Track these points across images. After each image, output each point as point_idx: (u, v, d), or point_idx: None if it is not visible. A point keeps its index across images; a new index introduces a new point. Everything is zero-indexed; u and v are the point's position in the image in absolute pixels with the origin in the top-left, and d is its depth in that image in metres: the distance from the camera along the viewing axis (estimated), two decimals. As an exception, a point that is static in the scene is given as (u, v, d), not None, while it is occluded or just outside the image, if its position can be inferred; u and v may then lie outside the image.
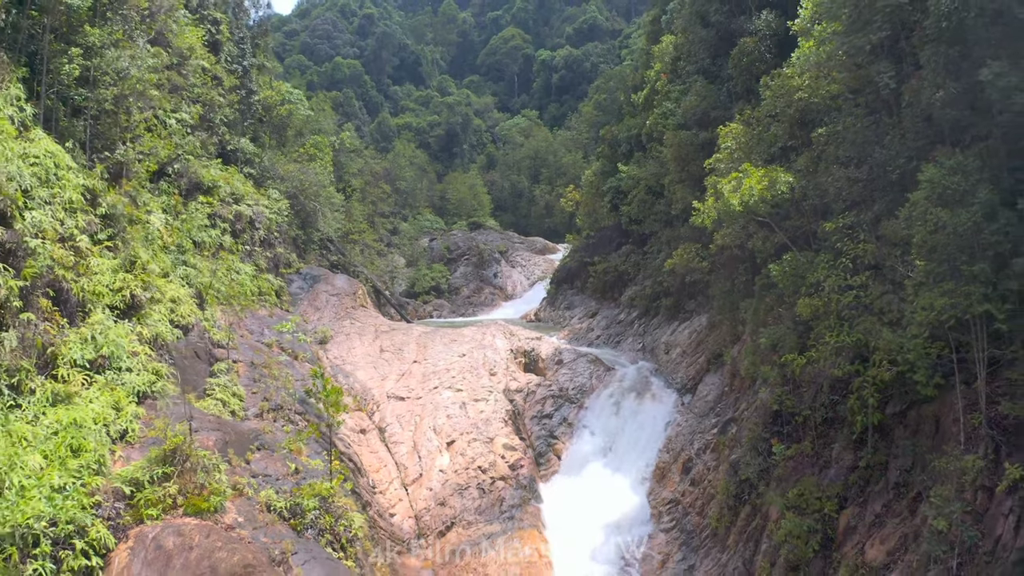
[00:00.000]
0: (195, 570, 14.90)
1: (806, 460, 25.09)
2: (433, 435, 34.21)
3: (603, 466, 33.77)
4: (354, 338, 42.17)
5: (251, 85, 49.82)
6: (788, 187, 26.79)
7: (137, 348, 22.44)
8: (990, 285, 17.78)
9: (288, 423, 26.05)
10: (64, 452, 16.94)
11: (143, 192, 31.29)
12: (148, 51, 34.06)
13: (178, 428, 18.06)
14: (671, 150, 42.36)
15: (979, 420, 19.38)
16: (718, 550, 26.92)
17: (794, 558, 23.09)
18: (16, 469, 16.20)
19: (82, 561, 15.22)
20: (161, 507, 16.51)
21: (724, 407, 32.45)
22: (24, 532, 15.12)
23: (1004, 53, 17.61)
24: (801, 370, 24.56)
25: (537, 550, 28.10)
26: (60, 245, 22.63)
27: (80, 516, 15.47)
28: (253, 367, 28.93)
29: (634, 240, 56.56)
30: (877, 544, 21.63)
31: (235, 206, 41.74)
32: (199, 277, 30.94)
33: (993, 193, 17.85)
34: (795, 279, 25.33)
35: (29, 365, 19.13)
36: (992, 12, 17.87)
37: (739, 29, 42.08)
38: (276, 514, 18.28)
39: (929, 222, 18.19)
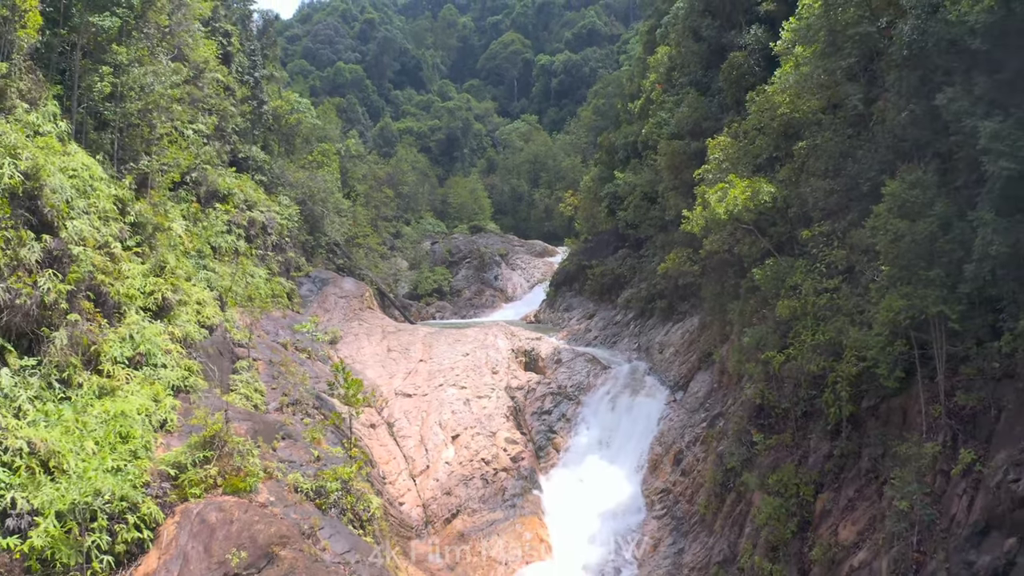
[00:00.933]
0: (236, 540, 16.88)
1: (786, 450, 27.08)
2: (439, 429, 36.17)
3: (600, 458, 35.74)
4: (362, 338, 44.16)
5: (262, 96, 51.85)
6: (771, 197, 28.81)
7: (170, 346, 24.42)
8: (945, 289, 19.78)
9: (306, 416, 28.05)
10: (113, 439, 18.92)
11: (166, 200, 33.24)
12: (169, 67, 36.04)
13: (216, 417, 20.03)
14: (664, 159, 44.35)
15: (939, 411, 21.37)
16: (705, 534, 28.90)
17: (774, 539, 25.07)
18: (72, 453, 18.18)
19: (134, 534, 17.21)
20: (203, 487, 18.51)
21: (713, 403, 34.44)
22: (83, 508, 17.09)
23: (957, 80, 19.60)
24: (781, 367, 26.53)
25: (537, 534, 30.10)
26: (98, 251, 24.60)
27: (132, 494, 17.46)
28: (271, 365, 30.91)
29: (630, 244, 58.54)
30: (849, 525, 23.61)
31: (248, 212, 43.75)
32: (220, 281, 32.91)
33: (948, 206, 19.85)
34: (776, 282, 27.31)
35: (77, 361, 21.11)
36: (947, 42, 19.85)
37: (729, 43, 44.14)
38: (303, 495, 20.29)
39: (890, 232, 20.20)
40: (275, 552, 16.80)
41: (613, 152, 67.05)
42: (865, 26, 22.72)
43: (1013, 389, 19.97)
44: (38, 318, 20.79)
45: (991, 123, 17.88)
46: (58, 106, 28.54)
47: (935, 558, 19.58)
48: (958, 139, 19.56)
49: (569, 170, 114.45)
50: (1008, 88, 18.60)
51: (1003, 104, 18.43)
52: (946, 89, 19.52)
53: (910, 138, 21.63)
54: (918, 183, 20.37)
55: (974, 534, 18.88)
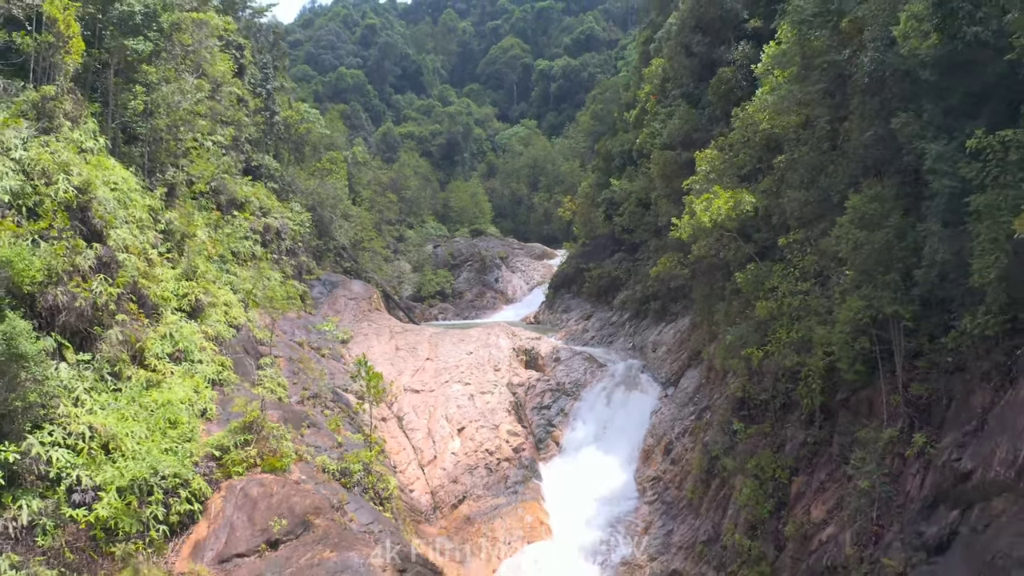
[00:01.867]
0: (277, 510, 19.32)
1: (765, 438, 29.55)
2: (445, 423, 38.63)
3: (595, 450, 38.18)
4: (372, 338, 46.62)
5: (274, 107, 54.32)
6: (752, 206, 31.31)
7: (204, 344, 26.89)
8: (899, 291, 22.27)
9: (325, 408, 30.52)
10: (164, 425, 21.39)
11: (193, 209, 35.72)
12: (193, 83, 38.53)
13: (253, 405, 22.48)
14: (657, 168, 46.86)
15: (898, 400, 23.85)
16: (692, 517, 31.38)
17: (753, 518, 27.55)
18: (128, 437, 20.65)
19: (186, 506, 19.67)
20: (244, 466, 20.95)
21: (701, 397, 36.92)
22: (141, 484, 19.57)
23: (910, 106, 22.10)
24: (760, 362, 29.02)
25: (538, 518, 32.56)
26: (138, 258, 27.07)
27: (184, 472, 19.93)
28: (291, 362, 33.38)
29: (626, 248, 61.02)
30: (820, 505, 26.08)
31: (263, 219, 46.23)
32: (242, 284, 35.36)
33: (903, 218, 22.35)
34: (756, 285, 29.80)
35: (126, 357, 23.58)
36: (902, 72, 22.33)
37: (719, 59, 46.64)
38: (330, 474, 22.72)
39: (851, 240, 22.71)
40: (310, 520, 19.26)
41: (610, 159, 69.61)
42: (833, 55, 25.18)
43: (962, 380, 22.45)
44: (91, 318, 23.24)
45: (936, 146, 20.37)
46: (95, 122, 31.00)
47: (891, 530, 22.07)
48: (910, 159, 22.06)
49: (568, 174, 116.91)
50: (952, 114, 21.10)
51: (948, 128, 20.92)
52: (900, 114, 22.03)
53: (871, 156, 24.12)
54: (877, 197, 22.87)
55: (924, 508, 21.37)
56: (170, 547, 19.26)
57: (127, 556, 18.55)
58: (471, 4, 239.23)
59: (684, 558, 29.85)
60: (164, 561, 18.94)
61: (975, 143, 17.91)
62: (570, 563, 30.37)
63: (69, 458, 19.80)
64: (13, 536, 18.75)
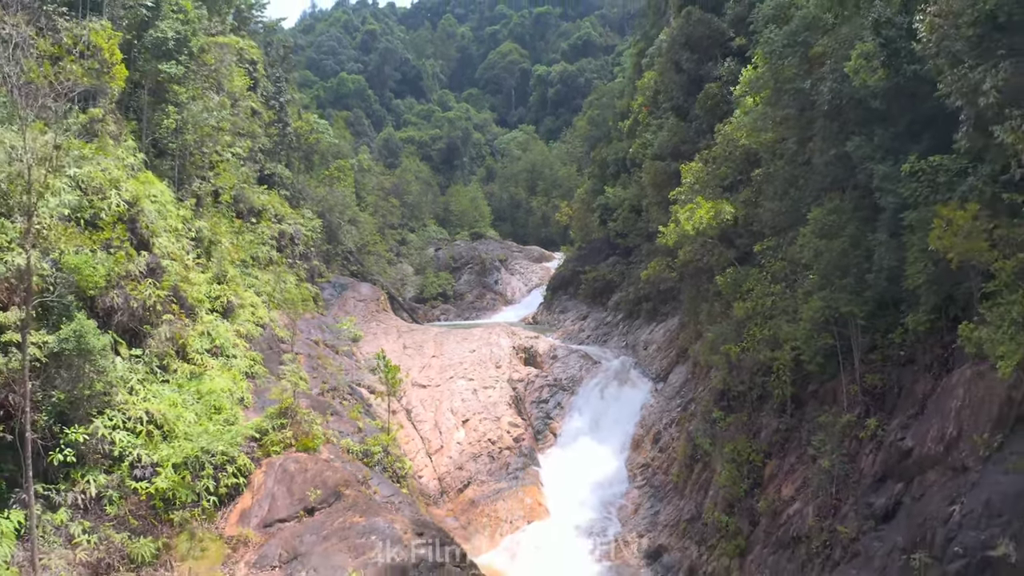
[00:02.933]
0: (312, 483, 22.33)
1: (742, 426, 32.60)
2: (451, 415, 41.67)
3: (590, 439, 41.25)
4: (380, 337, 49.65)
5: (286, 119, 57.33)
6: (731, 216, 34.39)
7: (236, 341, 29.92)
8: (855, 293, 25.35)
9: (343, 399, 33.54)
10: (210, 411, 24.40)
11: (219, 218, 38.73)
12: (216, 101, 41.55)
13: (287, 394, 25.48)
14: (648, 177, 49.94)
15: (856, 390, 26.94)
16: (677, 498, 34.44)
17: (731, 497, 30.59)
18: (179, 421, 23.67)
19: (233, 480, 22.68)
20: (281, 446, 23.96)
21: (687, 391, 39.99)
22: (193, 461, 22.59)
23: (863, 130, 25.17)
24: (738, 357, 32.07)
25: (537, 500, 35.63)
26: (177, 263, 30.09)
27: (231, 450, 22.94)
28: (310, 358, 36.39)
29: (620, 252, 64.10)
30: (789, 484, 29.13)
31: (278, 225, 49.24)
32: (263, 287, 38.37)
33: (857, 229, 25.44)
34: (735, 288, 32.87)
35: (172, 352, 26.60)
36: (856, 101, 25.39)
37: (706, 75, 49.71)
38: (354, 455, 25.71)
39: (813, 248, 25.79)
40: (341, 491, 22.27)
41: (605, 166, 72.72)
42: (799, 82, 28.22)
43: (910, 371, 25.56)
44: (141, 318, 26.26)
45: (883, 167, 23.44)
46: (134, 140, 34.04)
47: (847, 502, 25.17)
48: (863, 177, 25.13)
49: (565, 179, 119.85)
50: (899, 139, 24.16)
51: (895, 151, 23.96)
52: (854, 138, 25.10)
53: (832, 174, 27.19)
54: (835, 210, 25.98)
55: (874, 482, 24.46)
56: (220, 515, 22.27)
57: (183, 522, 21.58)
58: (469, 9, 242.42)
59: (669, 534, 32.90)
60: (215, 527, 21.94)
61: (908, 167, 20.98)
62: (566, 540, 33.42)
63: (129, 439, 22.80)
64: (83, 506, 21.78)
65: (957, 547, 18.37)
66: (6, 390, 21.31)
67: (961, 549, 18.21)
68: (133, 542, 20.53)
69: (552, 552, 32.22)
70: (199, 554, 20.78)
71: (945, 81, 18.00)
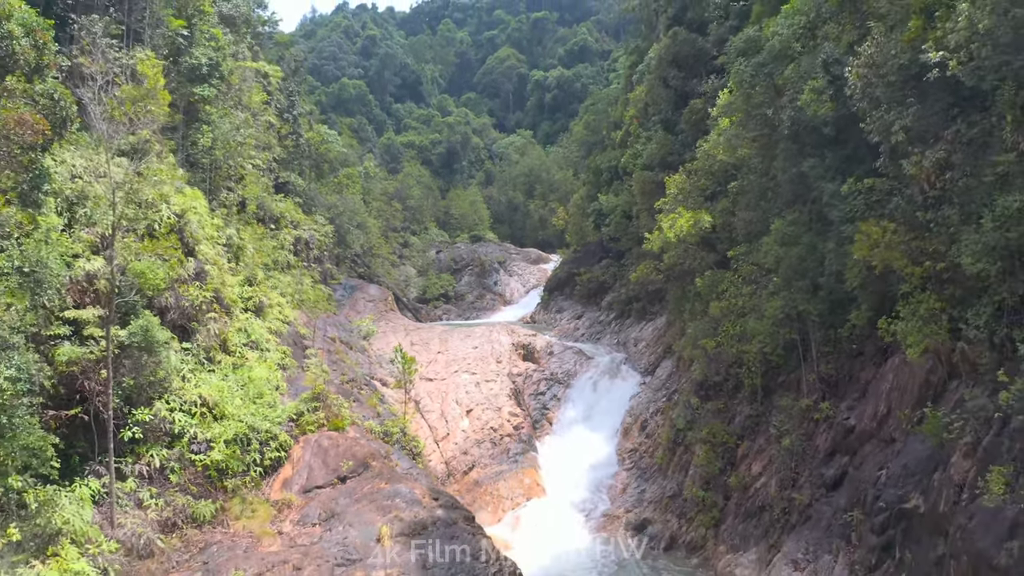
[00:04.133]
0: (343, 456, 26.18)
1: (719, 413, 36.51)
2: (456, 405, 45.52)
3: (583, 428, 45.14)
4: (390, 335, 53.47)
5: (300, 131, 61.17)
6: (710, 224, 38.32)
7: (268, 336, 33.76)
8: (810, 294, 29.29)
9: (360, 389, 37.39)
10: (252, 395, 28.24)
11: (246, 225, 42.57)
12: (241, 118, 45.35)
13: (319, 381, 29.33)
14: (637, 186, 53.85)
15: (813, 378, 30.89)
16: (661, 478, 38.34)
17: (707, 475, 34.49)
18: (228, 404, 27.52)
19: (276, 454, 26.53)
20: (315, 425, 27.80)
21: (671, 383, 43.90)
22: (242, 437, 26.43)
23: (816, 153, 29.10)
24: (714, 351, 35.99)
25: (535, 480, 39.53)
26: (216, 268, 33.92)
27: (273, 429, 26.80)
28: (329, 353, 40.24)
29: (613, 255, 67.99)
30: (757, 463, 33.05)
31: (295, 231, 53.06)
32: (286, 288, 42.21)
33: (812, 238, 29.36)
34: (711, 289, 36.80)
35: (216, 345, 30.45)
36: (811, 127, 29.30)
37: (692, 91, 53.65)
38: (376, 434, 29.55)
39: (774, 255, 29.72)
40: (368, 463, 26.12)
41: (599, 173, 76.54)
42: (765, 108, 32.13)
43: (858, 361, 29.55)
44: (189, 315, 30.11)
45: (831, 185, 27.35)
46: (174, 157, 37.85)
47: (803, 475, 29.12)
48: (817, 193, 29.06)
49: (562, 183, 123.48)
50: (848, 161, 28.05)
51: (844, 171, 27.85)
52: (809, 159, 29.05)
53: (791, 190, 31.12)
54: (794, 221, 29.92)
55: (825, 456, 28.43)
56: (265, 483, 26.08)
57: (235, 488, 25.42)
58: (468, 14, 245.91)
59: (653, 509, 36.79)
60: (262, 492, 25.77)
61: (847, 187, 24.91)
62: (562, 515, 37.31)
63: (186, 419, 26.61)
64: (148, 476, 25.62)
65: (881, 503, 22.33)
66: (83, 377, 25.16)
67: (884, 504, 22.17)
68: (195, 504, 24.38)
69: (549, 525, 36.08)
70: (250, 514, 24.62)
71: (867, 120, 21.91)
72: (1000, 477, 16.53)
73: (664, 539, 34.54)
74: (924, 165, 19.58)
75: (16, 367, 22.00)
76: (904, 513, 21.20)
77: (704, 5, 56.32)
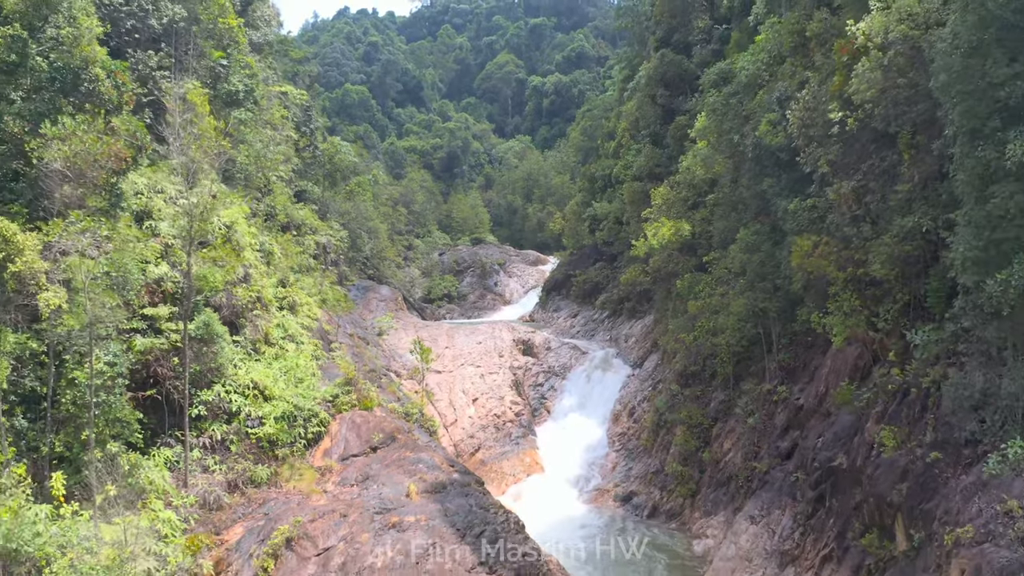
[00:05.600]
0: (374, 429, 31.15)
1: (696, 399, 41.55)
2: (462, 395, 50.53)
3: (578, 415, 50.16)
4: (401, 332, 58.45)
5: (316, 143, 66.13)
6: (690, 232, 43.37)
7: (302, 331, 38.71)
8: (769, 294, 34.33)
9: (381, 378, 42.37)
10: (294, 381, 33.20)
11: (277, 233, 47.52)
12: (270, 136, 50.28)
13: (351, 368, 34.28)
14: (627, 195, 58.91)
15: (774, 366, 35.95)
16: (646, 457, 43.37)
17: (685, 452, 39.54)
18: (275, 387, 32.49)
19: (317, 428, 31.49)
20: (348, 405, 32.74)
21: (657, 374, 48.94)
22: (288, 415, 31.40)
23: (773, 174, 34.13)
24: (692, 344, 41.04)
25: (534, 460, 44.55)
26: (257, 271, 38.83)
27: (315, 408, 31.75)
28: (350, 347, 45.20)
29: (606, 258, 73.04)
30: (728, 440, 38.09)
31: (314, 236, 57.96)
32: (311, 290, 47.13)
33: (771, 246, 34.41)
34: (690, 289, 41.85)
35: (260, 338, 35.39)
36: (770, 152, 34.29)
37: (677, 108, 58.73)
38: (398, 415, 34.55)
39: (739, 260, 34.77)
40: (395, 436, 31.12)
41: (593, 181, 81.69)
42: (733, 134, 37.16)
43: (811, 352, 34.59)
44: (237, 312, 35.04)
45: (784, 202, 32.36)
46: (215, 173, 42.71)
47: (763, 448, 34.17)
48: (774, 209, 34.10)
49: (559, 187, 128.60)
50: (798, 182, 33.02)
51: (794, 191, 32.84)
52: (767, 179, 34.09)
53: (755, 205, 36.16)
54: (756, 232, 34.97)
55: (781, 431, 33.48)
56: (309, 453, 31.03)
57: (284, 457, 30.38)
58: (467, 19, 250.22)
59: (639, 484, 41.81)
60: (307, 460, 30.72)
61: (793, 206, 29.94)
62: (558, 489, 42.33)
63: (241, 400, 31.53)
64: (211, 447, 30.57)
65: (816, 464, 27.38)
66: (156, 364, 30.16)
67: (818, 464, 27.21)
68: (253, 469, 29.34)
69: (547, 497, 41.11)
70: (299, 477, 29.60)
71: (801, 155, 26.96)
72: (891, 435, 21.56)
73: (647, 508, 39.57)
74: (843, 192, 24.59)
75: (112, 354, 27.07)
76: (832, 470, 26.23)
77: (689, 29, 61.48)
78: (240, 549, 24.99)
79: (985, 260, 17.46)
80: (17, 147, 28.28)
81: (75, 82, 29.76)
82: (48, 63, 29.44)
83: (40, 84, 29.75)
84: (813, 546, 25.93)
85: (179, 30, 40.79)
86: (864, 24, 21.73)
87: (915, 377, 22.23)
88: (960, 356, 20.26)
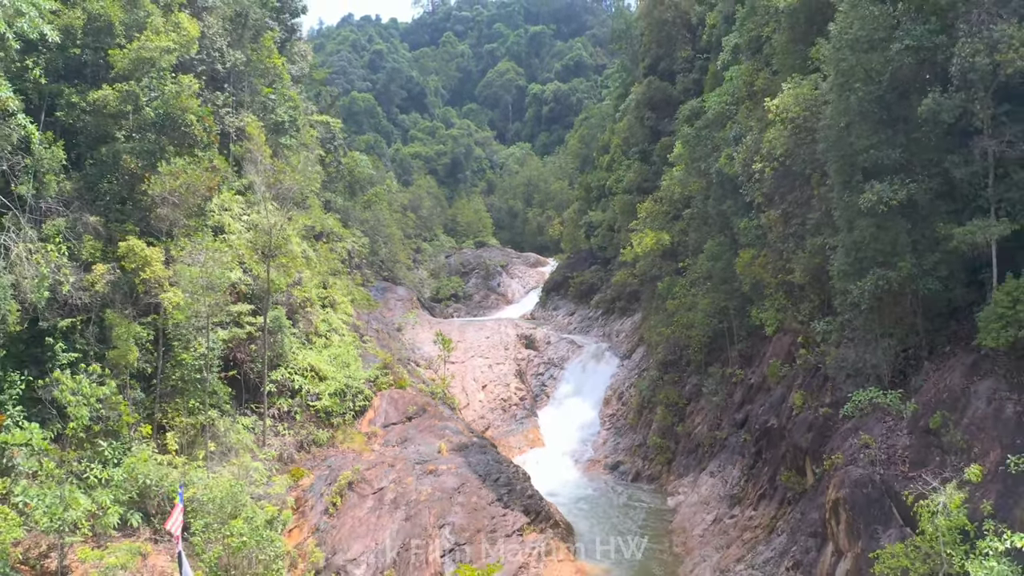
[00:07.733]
0: (409, 403, 38.84)
1: (674, 383, 49.22)
2: (473, 382, 58.21)
3: (575, 399, 57.90)
4: (417, 328, 66.14)
5: (340, 158, 73.82)
6: (670, 241, 51.12)
7: (342, 326, 46.42)
8: (730, 294, 42.05)
9: (407, 365, 50.07)
10: (342, 365, 40.89)
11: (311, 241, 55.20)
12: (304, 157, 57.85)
13: (388, 355, 41.95)
14: (618, 206, 66.64)
15: (735, 354, 43.66)
16: (632, 433, 51.10)
17: (664, 428, 47.24)
18: (327, 369, 40.19)
19: (363, 403, 39.17)
20: (387, 385, 40.41)
21: (643, 364, 56.67)
22: (340, 391, 39.10)
23: (731, 196, 41.75)
24: (670, 337, 48.76)
25: (536, 436, 52.27)
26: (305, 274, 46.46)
27: (361, 386, 39.43)
28: (378, 340, 52.91)
29: (600, 261, 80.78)
30: (698, 416, 45.77)
31: (340, 243, 65.64)
32: (343, 291, 54.80)
33: (730, 256, 42.12)
34: (668, 290, 49.57)
35: (312, 331, 43.11)
36: (730, 178, 41.91)
37: (663, 129, 66.43)
38: (426, 393, 42.27)
39: (706, 267, 42.53)
40: (426, 408, 38.80)
41: (589, 190, 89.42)
42: (701, 162, 44.82)
43: (763, 342, 42.24)
44: (294, 308, 42.73)
45: (739, 220, 40.06)
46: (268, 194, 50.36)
47: (724, 420, 41.86)
48: (732, 226, 41.80)
49: (558, 192, 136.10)
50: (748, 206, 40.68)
51: (746, 213, 40.50)
52: (727, 200, 41.80)
53: (719, 221, 43.87)
54: (719, 243, 42.70)
55: (738, 405, 41.14)
56: (357, 422, 38.69)
57: (338, 424, 38.05)
58: (469, 27, 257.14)
59: (625, 455, 49.52)
60: (356, 427, 38.38)
61: (744, 224, 37.61)
62: (557, 459, 50.06)
63: (301, 379, 39.22)
64: (279, 417, 38.26)
65: (757, 426, 35.08)
66: (235, 350, 37.84)
67: (758, 427, 34.92)
68: (315, 433, 37.02)
69: (547, 466, 48.79)
70: (351, 440, 37.28)
71: (744, 187, 34.69)
72: (801, 398, 29.27)
73: (632, 474, 47.25)
74: (772, 217, 32.33)
75: (210, 341, 34.77)
76: (767, 430, 33.92)
77: (673, 59, 69.15)
78: (313, 490, 32.68)
79: (852, 272, 25.06)
80: (132, 179, 35.91)
81: (173, 126, 37.39)
82: (152, 111, 37.08)
83: (143, 126, 37.40)
84: (753, 488, 33.63)
85: (238, 72, 48.40)
86: (777, 101, 29.43)
87: (820, 356, 29.95)
88: (847, 339, 27.92)
